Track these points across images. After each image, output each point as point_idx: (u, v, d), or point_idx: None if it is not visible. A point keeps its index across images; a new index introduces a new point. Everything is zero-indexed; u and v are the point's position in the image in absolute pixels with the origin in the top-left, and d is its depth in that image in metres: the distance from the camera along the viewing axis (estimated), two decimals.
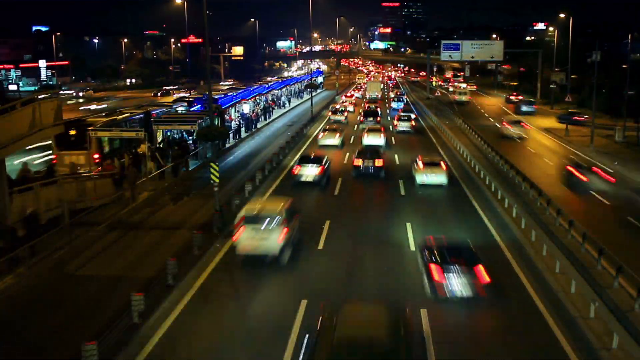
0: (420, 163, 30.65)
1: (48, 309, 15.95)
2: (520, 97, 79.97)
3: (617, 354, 13.19)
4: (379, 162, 31.69)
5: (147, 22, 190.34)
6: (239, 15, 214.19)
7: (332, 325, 11.27)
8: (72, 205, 23.17)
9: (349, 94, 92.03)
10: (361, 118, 56.61)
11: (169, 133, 36.65)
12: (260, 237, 18.47)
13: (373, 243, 21.15)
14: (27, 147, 24.48)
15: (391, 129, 52.56)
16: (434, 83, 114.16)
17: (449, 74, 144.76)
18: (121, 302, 15.00)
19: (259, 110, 57.86)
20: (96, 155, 30.23)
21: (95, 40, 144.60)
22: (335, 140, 42.37)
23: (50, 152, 32.50)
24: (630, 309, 15.25)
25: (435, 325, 14.55)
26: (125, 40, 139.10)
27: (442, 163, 31.02)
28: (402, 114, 55.69)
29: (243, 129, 48.52)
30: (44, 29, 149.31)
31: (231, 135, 43.13)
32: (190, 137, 37.36)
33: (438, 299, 15.75)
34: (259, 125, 53.37)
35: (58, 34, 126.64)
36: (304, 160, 30.81)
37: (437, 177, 29.74)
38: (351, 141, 45.41)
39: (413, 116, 56.52)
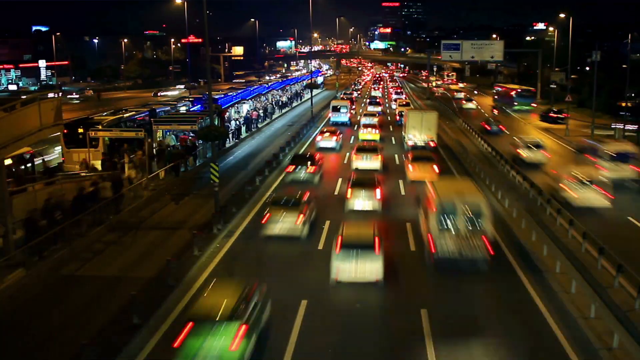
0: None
1: (48, 309, 15.95)
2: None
3: (617, 354, 13.18)
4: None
5: (147, 22, 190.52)
6: (239, 15, 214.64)
7: None
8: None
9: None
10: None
11: (169, 133, 36.60)
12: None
13: None
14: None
15: None
16: (433, 83, 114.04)
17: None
18: (121, 302, 14.99)
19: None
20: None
21: (95, 40, 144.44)
22: None
23: None
24: (630, 308, 15.25)
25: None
26: (125, 40, 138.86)
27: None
28: None
29: (244, 129, 48.46)
30: (44, 29, 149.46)
31: (231, 135, 43.06)
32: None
33: None
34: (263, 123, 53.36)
35: (58, 34, 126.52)
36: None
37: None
38: None
39: None
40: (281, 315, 15.07)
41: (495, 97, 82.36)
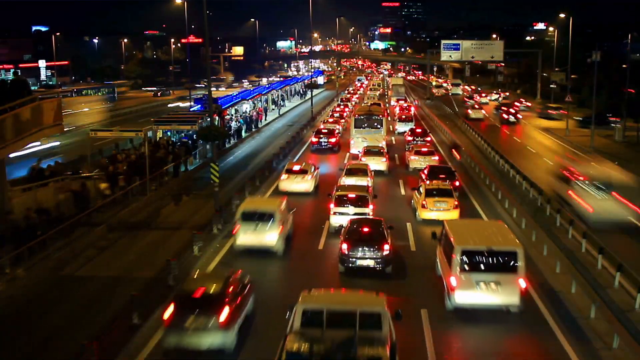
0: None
1: (48, 309, 15.95)
2: None
3: (617, 354, 13.18)
4: None
5: (147, 22, 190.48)
6: (239, 15, 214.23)
7: None
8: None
9: None
10: None
11: (169, 133, 36.52)
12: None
13: None
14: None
15: None
16: (433, 82, 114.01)
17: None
18: (121, 302, 14.99)
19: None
20: None
21: (95, 40, 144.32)
22: None
23: None
24: (630, 308, 15.25)
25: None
26: (125, 40, 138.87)
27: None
28: None
29: (244, 129, 48.43)
30: (44, 29, 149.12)
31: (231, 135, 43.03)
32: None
33: None
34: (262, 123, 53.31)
35: (58, 34, 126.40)
36: None
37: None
38: None
39: None
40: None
41: None
